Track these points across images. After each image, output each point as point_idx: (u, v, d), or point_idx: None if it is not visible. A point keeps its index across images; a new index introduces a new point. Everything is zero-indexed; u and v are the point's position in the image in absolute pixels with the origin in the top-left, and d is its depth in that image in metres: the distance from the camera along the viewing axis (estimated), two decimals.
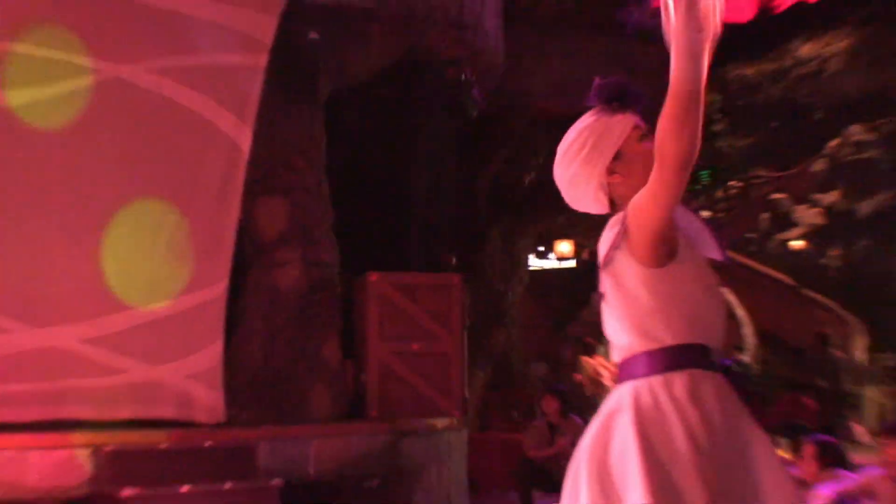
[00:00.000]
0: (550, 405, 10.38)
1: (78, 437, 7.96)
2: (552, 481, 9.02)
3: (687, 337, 2.92)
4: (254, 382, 9.32)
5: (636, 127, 3.16)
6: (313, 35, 9.75)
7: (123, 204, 8.83)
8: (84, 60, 8.85)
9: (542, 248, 18.41)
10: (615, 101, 3.18)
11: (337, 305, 10.17)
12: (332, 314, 10.13)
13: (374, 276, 9.93)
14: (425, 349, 9.79)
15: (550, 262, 20.42)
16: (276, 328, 9.82)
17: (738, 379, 3.00)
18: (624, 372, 2.99)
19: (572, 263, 19.31)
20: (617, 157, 3.12)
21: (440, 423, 9.48)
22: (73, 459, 7.75)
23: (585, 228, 16.63)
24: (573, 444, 3.17)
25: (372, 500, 8.95)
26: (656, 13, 2.64)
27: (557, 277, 20.43)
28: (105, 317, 8.78)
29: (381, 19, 9.89)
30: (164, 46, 9.06)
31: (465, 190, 12.13)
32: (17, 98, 8.67)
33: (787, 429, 8.26)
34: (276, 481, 7.79)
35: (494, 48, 11.06)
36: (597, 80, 3.25)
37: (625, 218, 2.95)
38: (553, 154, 3.35)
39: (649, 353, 2.92)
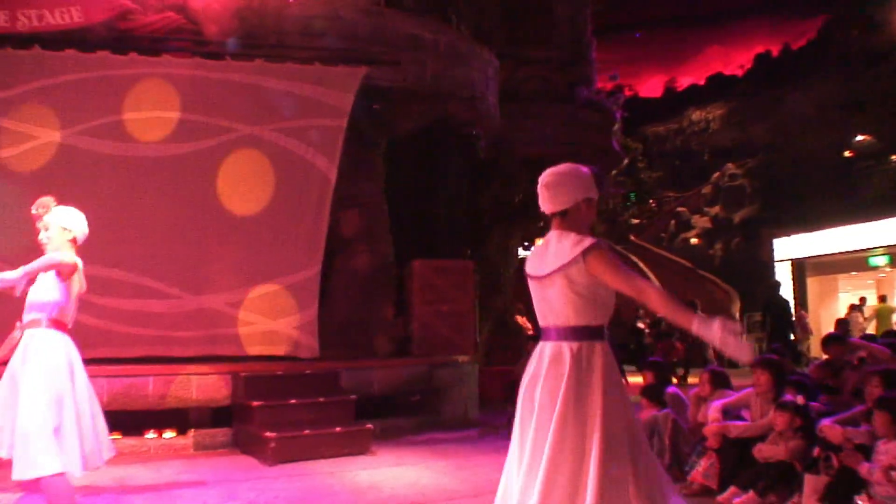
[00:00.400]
0: (532, 347, 10.40)
1: (223, 366, 8.01)
2: None
3: (603, 320, 3.11)
4: (338, 331, 9.35)
5: (589, 199, 3.22)
6: (376, 106, 9.80)
7: (254, 214, 8.92)
8: (227, 123, 8.94)
9: (526, 243, 18.38)
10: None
11: (392, 281, 10.23)
12: (389, 287, 10.17)
13: (417, 263, 9.96)
14: (450, 310, 9.79)
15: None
16: (352, 296, 9.88)
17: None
18: (556, 334, 3.11)
19: None
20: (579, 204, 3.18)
21: (461, 358, 9.51)
22: (222, 380, 7.80)
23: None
24: None
25: (414, 409, 9.03)
26: (599, 91, 2.79)
27: None
28: (241, 288, 8.85)
29: (419, 95, 9.90)
30: (281, 113, 9.08)
31: (474, 205, 12.15)
32: (187, 148, 8.80)
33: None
34: (353, 396, 7.82)
35: (494, 113, 11.06)
36: (595, 169, 3.35)
37: (586, 257, 3.00)
38: (532, 183, 3.41)
39: (581, 328, 3.06)
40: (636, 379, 15.00)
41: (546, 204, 3.21)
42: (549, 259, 3.11)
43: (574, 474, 2.84)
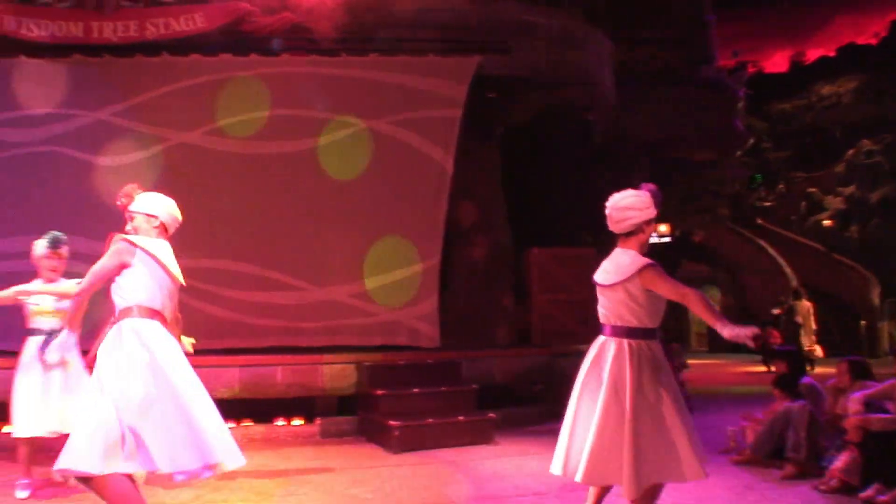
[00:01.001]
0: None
1: (347, 356, 8.18)
2: None
3: (654, 324, 3.79)
4: (458, 321, 9.41)
5: (650, 220, 3.86)
6: (490, 95, 9.78)
7: (373, 209, 9.07)
8: (344, 118, 9.12)
9: None
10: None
11: (510, 271, 10.20)
12: (508, 276, 10.16)
13: (535, 251, 9.89)
14: (570, 298, 9.67)
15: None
16: (472, 286, 9.92)
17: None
18: (617, 332, 3.78)
19: (667, 239, 18.67)
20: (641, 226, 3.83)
21: (582, 348, 9.37)
22: (346, 370, 7.98)
23: (674, 215, 16.22)
24: (676, 363, 3.83)
25: (536, 399, 8.97)
26: (720, 69, 2.75)
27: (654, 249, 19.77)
28: (362, 279, 9.02)
29: (533, 83, 9.81)
30: (396, 106, 9.18)
31: (592, 192, 11.93)
32: (309, 144, 9.03)
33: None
34: (474, 386, 7.85)
35: (610, 98, 10.84)
36: (654, 189, 3.85)
37: (643, 273, 3.69)
38: (652, 167, 3.44)
39: (637, 329, 3.75)
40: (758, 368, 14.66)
41: (614, 226, 3.87)
42: (612, 272, 3.80)
43: (650, 433, 3.63)
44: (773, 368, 8.81)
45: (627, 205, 3.81)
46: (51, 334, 5.24)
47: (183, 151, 8.92)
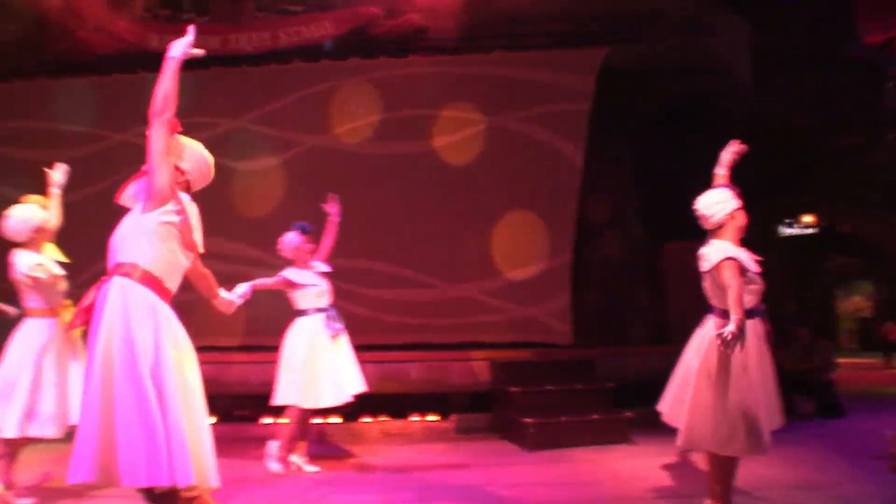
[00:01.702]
0: (803, 332, 9.70)
1: (481, 353, 8.21)
2: (808, 388, 8.52)
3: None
4: (592, 317, 9.28)
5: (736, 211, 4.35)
6: (620, 86, 9.56)
7: (503, 205, 9.05)
8: (472, 115, 9.16)
9: (788, 220, 17.15)
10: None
11: (645, 265, 9.97)
12: (643, 271, 9.94)
13: (671, 246, 9.64)
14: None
15: (794, 230, 18.91)
16: (605, 282, 9.74)
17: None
18: (718, 313, 4.20)
19: (812, 231, 17.80)
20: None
21: None
22: (479, 366, 8.00)
23: (819, 205, 15.46)
24: (824, 361, 3.95)
25: None
26: (866, 47, 2.68)
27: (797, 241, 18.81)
28: (494, 276, 9.05)
29: (663, 72, 9.53)
30: (523, 102, 9.16)
31: (730, 182, 11.48)
32: (438, 143, 9.14)
33: None
34: (609, 384, 7.70)
35: (747, 84, 10.41)
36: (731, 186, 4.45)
37: (719, 265, 4.12)
38: (798, 154, 3.29)
39: (726, 310, 4.01)
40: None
41: (705, 223, 4.37)
42: (705, 261, 4.26)
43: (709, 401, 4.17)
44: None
45: (711, 203, 4.35)
46: (327, 310, 6.02)
47: (315, 154, 9.24)
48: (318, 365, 5.86)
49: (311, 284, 6.06)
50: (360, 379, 6.06)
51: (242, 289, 4.94)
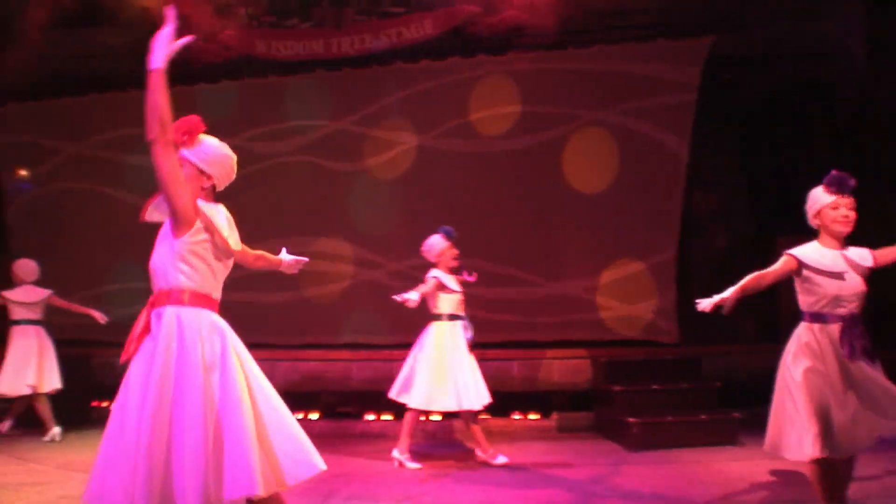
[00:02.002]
0: None
1: (583, 351, 8.15)
2: None
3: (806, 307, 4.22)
4: (699, 314, 9.01)
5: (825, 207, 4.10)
6: (725, 76, 9.31)
7: (605, 201, 8.93)
8: (572, 110, 9.08)
9: None
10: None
11: (754, 261, 9.64)
12: (751, 267, 9.61)
13: (782, 239, 9.30)
14: None
15: None
16: (712, 278, 9.43)
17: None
18: None
19: None
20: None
21: None
22: (581, 365, 7.96)
23: None
24: None
25: None
26: None
27: None
28: (596, 273, 8.94)
29: (771, 59, 9.21)
30: (625, 95, 9.00)
31: (843, 171, 10.98)
32: (538, 139, 9.11)
33: None
34: (716, 383, 7.49)
35: (861, 69, 9.92)
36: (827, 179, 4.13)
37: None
38: None
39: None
40: None
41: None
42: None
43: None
44: None
45: (808, 205, 4.17)
46: (463, 318, 6.30)
47: (418, 154, 9.36)
48: (447, 371, 6.04)
49: (454, 291, 6.31)
50: (484, 391, 6.18)
51: (411, 296, 5.90)
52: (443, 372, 6.03)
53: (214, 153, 3.39)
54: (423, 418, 7.06)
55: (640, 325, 8.86)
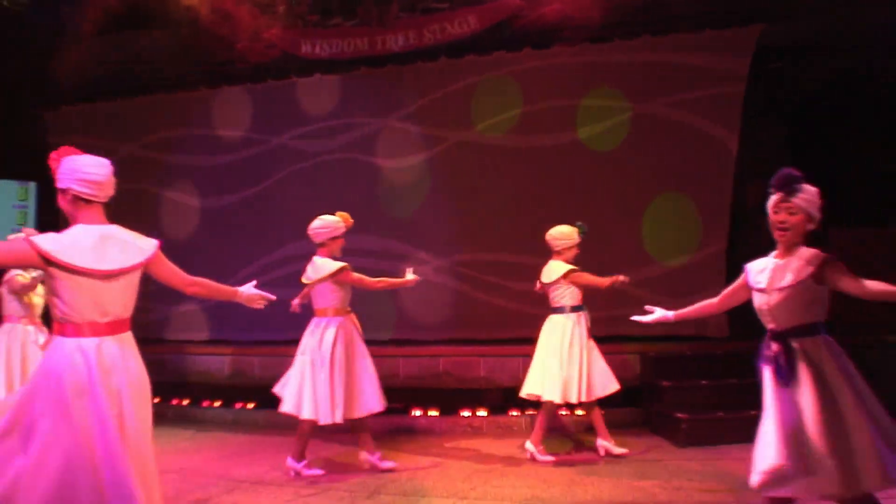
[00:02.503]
0: None
1: (631, 346, 8.08)
2: None
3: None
4: (749, 309, 8.89)
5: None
6: (776, 66, 9.16)
7: (653, 194, 8.85)
8: (620, 103, 9.02)
9: None
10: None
11: None
12: None
13: (834, 232, 9.14)
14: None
15: None
16: None
17: None
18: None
19: None
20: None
21: (890, 338, 8.48)
22: (629, 360, 7.91)
23: None
24: None
25: None
26: None
27: None
28: (644, 267, 8.87)
29: (823, 48, 9.03)
30: (673, 87, 8.91)
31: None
32: (584, 133, 9.07)
33: None
34: None
35: None
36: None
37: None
38: None
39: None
40: None
41: None
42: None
43: None
44: None
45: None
46: (583, 309, 6.60)
47: (462, 149, 9.39)
48: (573, 362, 6.21)
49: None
50: (612, 379, 6.38)
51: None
52: (568, 365, 6.23)
53: (67, 168, 3.32)
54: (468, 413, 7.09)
55: (689, 320, 8.76)
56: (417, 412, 7.78)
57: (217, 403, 8.45)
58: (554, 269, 6.48)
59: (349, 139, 9.74)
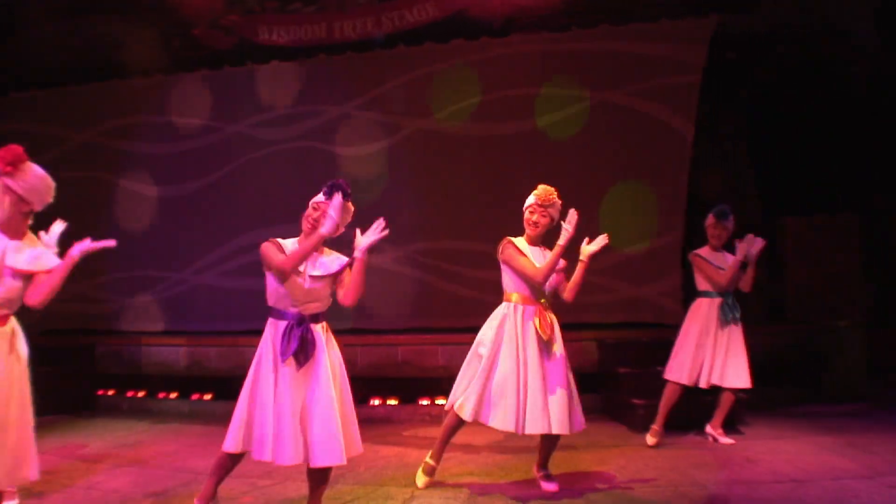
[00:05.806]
0: None
1: (589, 333, 8.18)
2: None
3: None
4: None
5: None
6: (731, 56, 9.27)
7: (611, 182, 8.92)
8: (578, 92, 9.06)
9: None
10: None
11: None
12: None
13: (790, 220, 9.32)
14: (830, 270, 9.02)
15: None
16: None
17: None
18: None
19: None
20: None
21: (842, 323, 8.66)
22: (587, 347, 8.01)
23: None
24: None
25: (790, 379, 8.39)
26: None
27: None
28: (603, 256, 8.79)
29: (779, 38, 9.16)
30: (630, 76, 8.99)
31: (855, 154, 10.93)
32: (543, 121, 9.09)
33: None
34: None
35: (873, 47, 9.85)
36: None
37: None
38: None
39: None
40: None
41: None
42: None
43: None
44: None
45: None
46: (727, 296, 6.52)
47: (421, 137, 9.38)
48: (706, 347, 6.27)
49: (719, 267, 6.52)
50: (745, 375, 6.20)
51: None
52: (701, 349, 6.30)
53: (35, 182, 3.61)
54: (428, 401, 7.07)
55: (646, 306, 8.88)
56: (376, 401, 7.78)
57: (173, 395, 8.36)
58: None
59: (307, 127, 9.65)
